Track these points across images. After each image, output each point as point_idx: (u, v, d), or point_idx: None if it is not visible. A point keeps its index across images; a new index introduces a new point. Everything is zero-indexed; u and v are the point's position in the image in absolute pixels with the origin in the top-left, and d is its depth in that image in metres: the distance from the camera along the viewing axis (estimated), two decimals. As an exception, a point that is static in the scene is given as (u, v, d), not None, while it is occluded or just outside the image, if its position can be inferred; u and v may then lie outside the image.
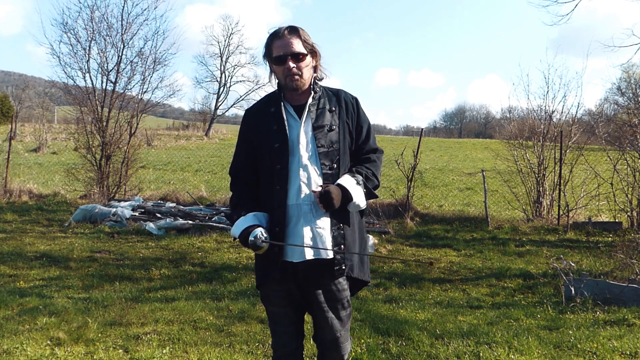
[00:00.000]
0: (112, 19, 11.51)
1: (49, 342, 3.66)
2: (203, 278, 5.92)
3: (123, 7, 11.46)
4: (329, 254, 2.11)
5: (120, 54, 11.51)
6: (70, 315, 4.21)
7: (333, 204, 2.06)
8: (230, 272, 6.21)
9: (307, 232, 2.09)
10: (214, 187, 13.47)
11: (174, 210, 9.40)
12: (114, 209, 9.05)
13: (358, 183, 2.14)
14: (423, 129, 13.72)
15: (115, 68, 11.47)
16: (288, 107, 2.21)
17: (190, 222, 8.73)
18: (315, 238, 2.10)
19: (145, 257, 6.91)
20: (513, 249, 7.83)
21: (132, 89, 11.81)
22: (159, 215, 9.14)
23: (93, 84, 11.37)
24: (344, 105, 2.25)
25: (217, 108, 42.17)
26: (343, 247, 2.13)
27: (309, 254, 2.09)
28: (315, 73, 2.26)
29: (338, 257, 2.12)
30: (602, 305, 4.91)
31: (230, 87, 42.79)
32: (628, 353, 3.63)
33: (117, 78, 11.48)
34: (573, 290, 5.15)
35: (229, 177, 2.35)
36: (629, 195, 9.14)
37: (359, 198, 2.14)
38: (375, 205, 9.96)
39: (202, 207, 10.09)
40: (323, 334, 2.20)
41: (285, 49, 2.13)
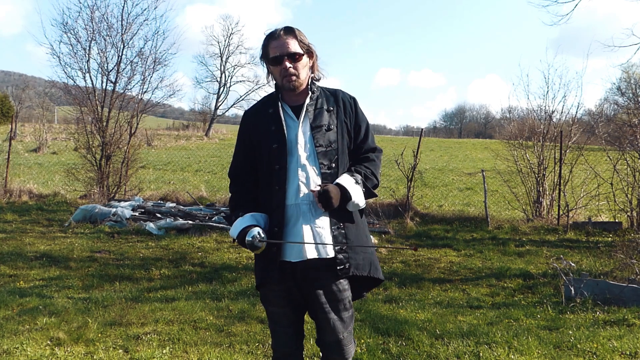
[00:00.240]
0: (112, 19, 11.55)
1: (49, 342, 3.66)
2: (203, 278, 5.93)
3: (123, 7, 11.50)
4: (329, 253, 2.10)
5: (120, 54, 11.54)
6: (70, 315, 4.21)
7: (332, 204, 2.06)
8: (230, 272, 6.21)
9: (306, 231, 2.09)
10: (214, 187, 13.47)
11: (174, 210, 9.41)
12: (114, 209, 9.06)
13: (357, 182, 2.14)
14: (423, 129, 13.74)
15: (115, 68, 11.48)
16: (286, 107, 2.21)
17: (190, 222, 8.74)
18: (315, 237, 2.09)
19: (145, 257, 6.91)
20: (513, 249, 7.82)
21: (132, 89, 11.85)
22: (159, 215, 9.15)
23: (93, 84, 11.40)
24: (342, 105, 2.25)
25: (217, 108, 42.22)
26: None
27: (310, 254, 2.08)
28: (313, 73, 2.26)
29: (340, 256, 2.11)
30: (602, 305, 4.91)
31: (230, 87, 42.94)
32: (628, 353, 3.63)
33: (117, 78, 11.50)
34: (573, 290, 5.15)
35: (229, 178, 2.35)
36: (629, 195, 9.14)
37: (358, 197, 2.13)
38: (375, 205, 9.96)
39: (202, 207, 10.09)
40: (325, 336, 2.16)
41: (282, 50, 2.14)
